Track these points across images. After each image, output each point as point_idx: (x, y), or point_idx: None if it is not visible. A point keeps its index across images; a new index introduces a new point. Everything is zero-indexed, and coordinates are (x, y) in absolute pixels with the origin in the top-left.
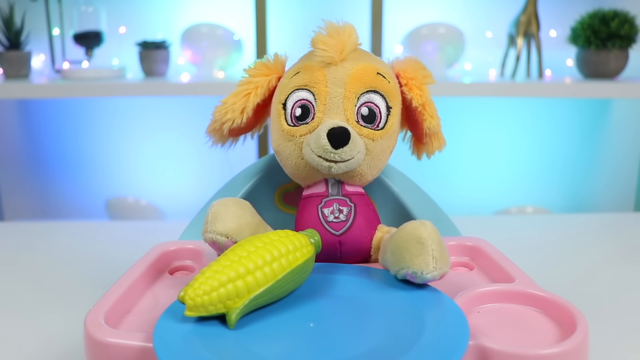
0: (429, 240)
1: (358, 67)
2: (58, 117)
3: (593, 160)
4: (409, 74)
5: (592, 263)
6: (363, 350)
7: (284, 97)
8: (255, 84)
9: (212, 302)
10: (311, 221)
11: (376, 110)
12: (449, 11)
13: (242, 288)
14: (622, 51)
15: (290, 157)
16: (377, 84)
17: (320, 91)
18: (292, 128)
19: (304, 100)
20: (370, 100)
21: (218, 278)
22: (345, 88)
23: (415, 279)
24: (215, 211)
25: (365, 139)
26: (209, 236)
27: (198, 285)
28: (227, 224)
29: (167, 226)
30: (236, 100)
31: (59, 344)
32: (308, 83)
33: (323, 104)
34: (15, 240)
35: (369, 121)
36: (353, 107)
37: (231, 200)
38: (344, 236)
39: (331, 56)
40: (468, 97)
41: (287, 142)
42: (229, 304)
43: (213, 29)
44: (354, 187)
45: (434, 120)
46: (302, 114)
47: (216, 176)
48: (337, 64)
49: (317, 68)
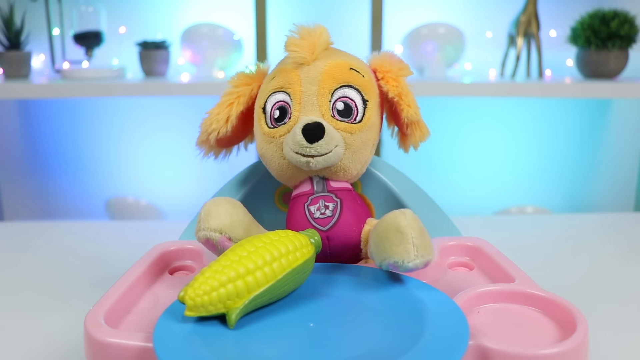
0: (408, 229)
1: (330, 64)
2: (58, 117)
3: (593, 160)
4: (384, 67)
5: (592, 263)
6: (363, 350)
7: (263, 101)
8: (237, 93)
9: (212, 302)
10: (299, 219)
11: (352, 104)
12: (449, 11)
13: (242, 288)
14: (622, 51)
15: (273, 159)
16: (350, 78)
17: (295, 91)
18: (272, 130)
19: (282, 102)
20: (344, 95)
21: (218, 278)
22: (318, 85)
23: (397, 268)
24: (207, 209)
25: (343, 132)
26: (203, 234)
27: (198, 285)
28: (220, 220)
29: (167, 226)
30: (220, 110)
31: (59, 344)
32: (283, 85)
33: (299, 103)
34: (15, 240)
35: (346, 115)
36: (327, 103)
37: (222, 199)
38: (331, 231)
39: (303, 56)
40: (468, 97)
41: (269, 145)
42: (229, 304)
43: (213, 29)
44: (340, 182)
45: (411, 109)
46: (280, 115)
47: (216, 176)
48: (310, 63)
49: (290, 69)
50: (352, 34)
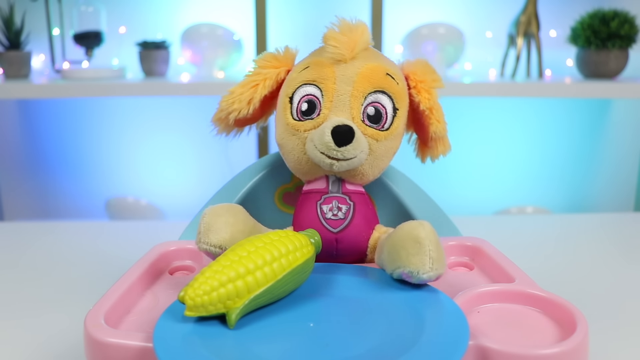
0: (427, 240)
1: (367, 66)
2: (58, 117)
3: (593, 160)
4: (418, 76)
5: (592, 263)
6: (363, 350)
7: (292, 90)
8: (263, 75)
9: (212, 302)
10: (309, 217)
11: (382, 110)
12: (449, 11)
13: (242, 288)
14: (622, 51)
15: (293, 152)
16: (385, 84)
17: (328, 87)
18: (297, 122)
19: (311, 96)
20: (377, 100)
21: (218, 278)
22: (353, 86)
23: (411, 278)
24: (207, 221)
25: (370, 138)
26: (203, 247)
27: (198, 285)
28: (220, 235)
29: (167, 226)
30: (244, 91)
31: (59, 344)
32: (316, 78)
33: (330, 101)
34: (15, 240)
35: (375, 121)
36: (360, 106)
37: (222, 208)
38: (341, 234)
39: (342, 53)
40: (468, 97)
41: (291, 136)
42: (229, 304)
43: (213, 29)
44: (355, 185)
45: (440, 124)
46: (308, 109)
47: (216, 176)
48: (347, 61)
49: (326, 64)
50: None
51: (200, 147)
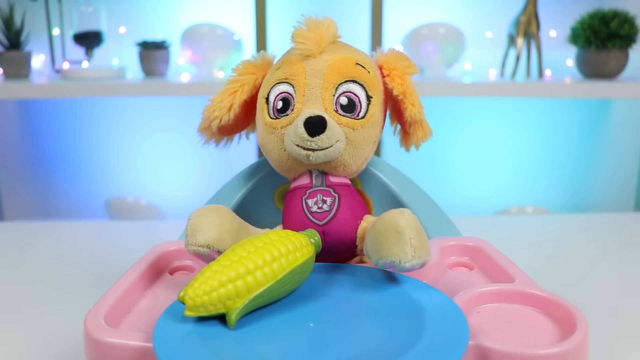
0: (407, 229)
1: (336, 58)
2: (58, 117)
3: (593, 160)
4: (391, 64)
5: (592, 263)
6: (363, 350)
7: (267, 91)
8: (242, 81)
9: (212, 302)
10: (296, 212)
11: (356, 99)
12: (449, 11)
13: (242, 288)
14: (622, 51)
15: (273, 150)
16: (355, 73)
17: (299, 83)
18: (274, 121)
19: (285, 93)
20: (349, 90)
21: (218, 278)
22: (323, 79)
23: (394, 268)
24: (193, 223)
25: (345, 128)
26: (191, 249)
27: (198, 285)
28: (207, 235)
29: (167, 226)
30: (223, 98)
31: (59, 344)
32: (288, 76)
33: (302, 95)
34: (15, 240)
35: (349, 110)
36: (331, 97)
37: (208, 209)
38: (327, 226)
39: (309, 48)
40: (468, 97)
41: (270, 135)
42: (229, 304)
43: (213, 29)
44: (339, 177)
45: (415, 108)
46: (283, 106)
47: (216, 176)
48: (316, 56)
49: (296, 61)
50: (352, 34)
51: (200, 147)
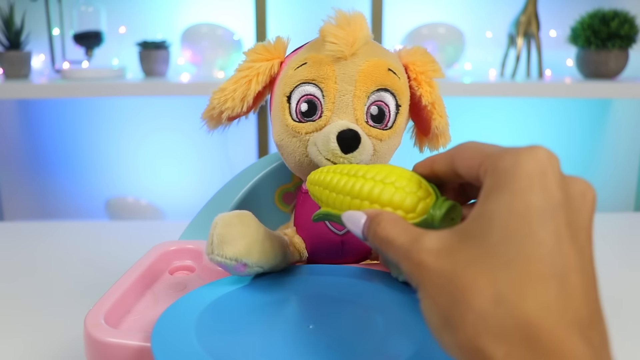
0: None
1: (369, 62)
2: (58, 117)
3: (593, 161)
4: (418, 67)
5: None
6: (363, 351)
7: (289, 89)
8: (256, 70)
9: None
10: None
11: (386, 109)
12: (449, 11)
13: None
14: (622, 51)
15: (293, 154)
16: (388, 81)
17: (328, 87)
18: (297, 124)
19: (311, 96)
20: (380, 99)
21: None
22: (355, 86)
23: None
24: (221, 232)
25: (373, 139)
26: (217, 259)
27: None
28: (236, 248)
29: (167, 226)
30: (236, 87)
31: (58, 344)
32: (316, 77)
33: (332, 102)
34: (15, 240)
35: (378, 121)
36: (363, 107)
37: (235, 217)
38: (346, 236)
39: (341, 50)
40: (468, 97)
41: (292, 138)
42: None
43: (213, 29)
44: None
45: (442, 119)
46: (309, 109)
47: (216, 176)
48: (347, 58)
49: (325, 62)
50: None
51: (200, 147)
